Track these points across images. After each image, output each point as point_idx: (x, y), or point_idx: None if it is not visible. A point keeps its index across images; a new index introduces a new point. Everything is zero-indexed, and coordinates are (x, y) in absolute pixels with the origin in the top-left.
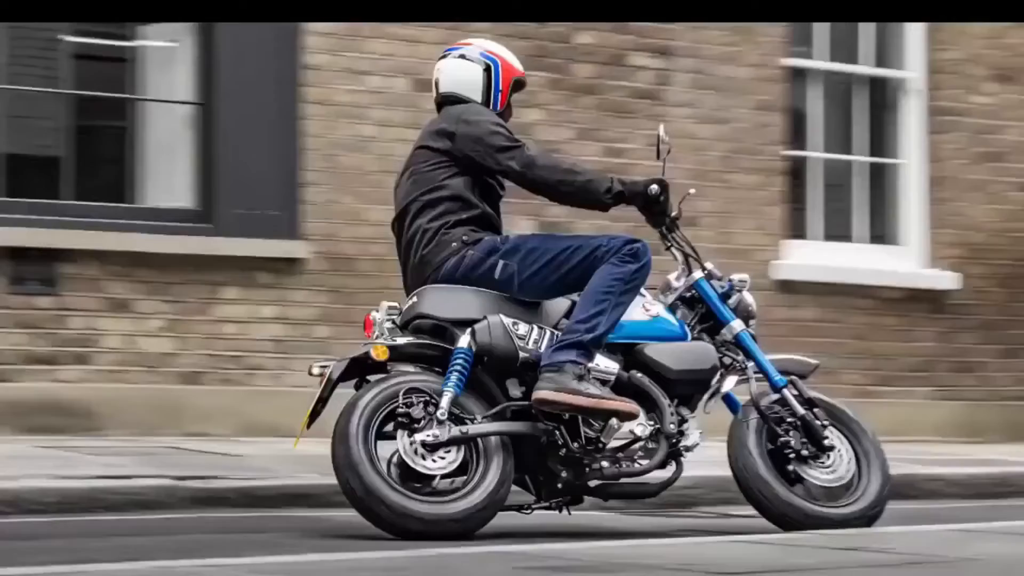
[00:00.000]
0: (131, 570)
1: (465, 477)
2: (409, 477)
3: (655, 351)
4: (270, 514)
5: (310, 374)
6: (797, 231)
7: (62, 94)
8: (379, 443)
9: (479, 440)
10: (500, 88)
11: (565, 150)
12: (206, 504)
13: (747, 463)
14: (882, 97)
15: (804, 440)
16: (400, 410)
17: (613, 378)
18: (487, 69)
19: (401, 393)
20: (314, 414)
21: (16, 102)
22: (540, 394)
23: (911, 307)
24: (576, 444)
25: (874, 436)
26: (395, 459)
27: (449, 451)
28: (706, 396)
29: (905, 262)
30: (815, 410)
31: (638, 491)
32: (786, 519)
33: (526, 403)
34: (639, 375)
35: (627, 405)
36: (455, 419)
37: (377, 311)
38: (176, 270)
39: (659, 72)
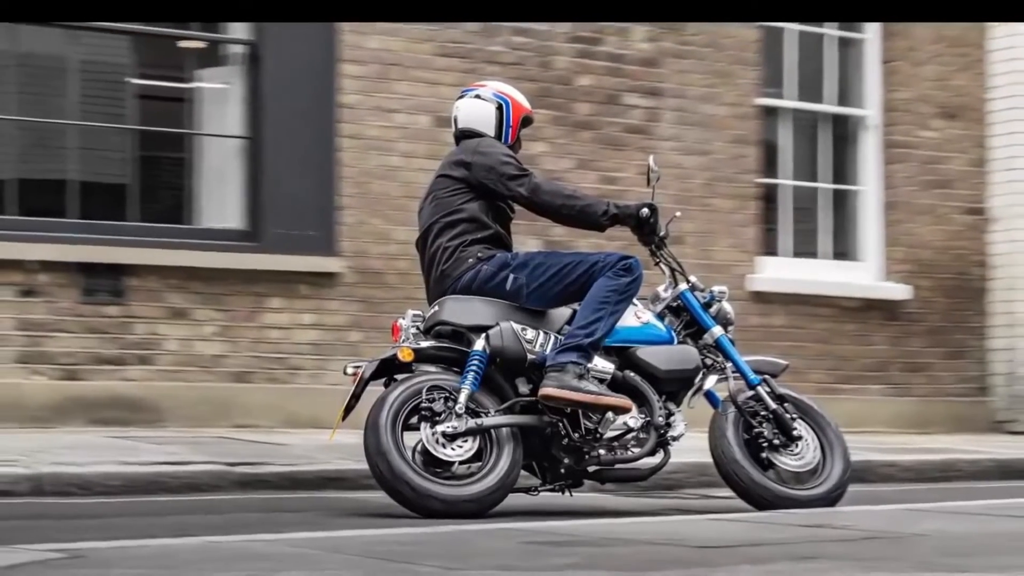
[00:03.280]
0: (186, 544)
1: (480, 463)
2: (431, 463)
3: (646, 353)
4: (309, 495)
5: (344, 373)
6: (769, 249)
7: (128, 129)
8: (405, 433)
9: (492, 431)
10: (511, 124)
11: (566, 178)
12: (253, 487)
13: (726, 451)
14: (843, 132)
15: (775, 431)
16: (423, 405)
17: (609, 377)
18: (499, 107)
19: (424, 390)
20: (348, 408)
21: (88, 136)
22: (545, 391)
23: (868, 315)
24: (577, 434)
25: (836, 427)
26: (419, 447)
27: (466, 440)
28: (690, 393)
29: (863, 276)
30: (785, 405)
31: (631, 475)
32: (759, 500)
33: (533, 399)
34: (632, 374)
35: (622, 401)
36: (471, 412)
37: (403, 318)
38: (227, 283)
39: (649, 110)
